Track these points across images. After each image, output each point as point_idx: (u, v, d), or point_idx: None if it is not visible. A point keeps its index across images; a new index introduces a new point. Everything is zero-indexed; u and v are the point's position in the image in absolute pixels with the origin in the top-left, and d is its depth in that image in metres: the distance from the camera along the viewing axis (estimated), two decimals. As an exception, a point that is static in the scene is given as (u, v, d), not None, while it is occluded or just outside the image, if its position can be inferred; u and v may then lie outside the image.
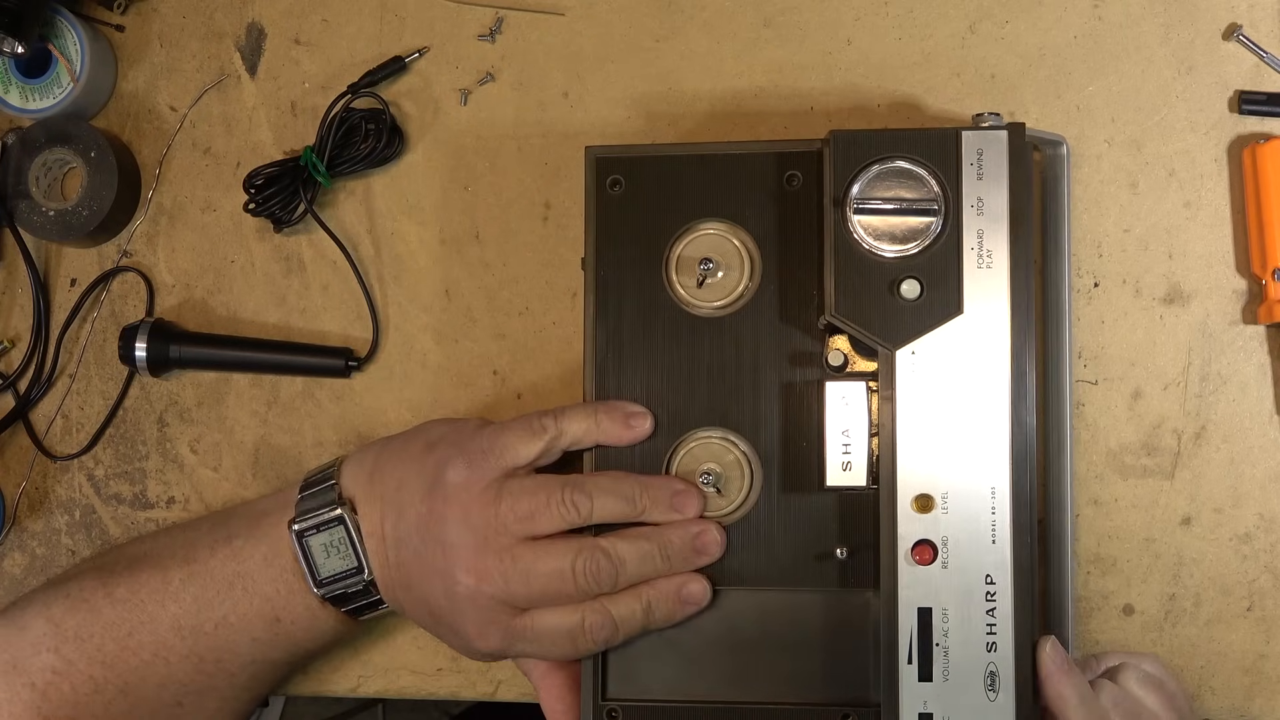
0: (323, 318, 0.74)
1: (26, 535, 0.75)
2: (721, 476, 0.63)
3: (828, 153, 0.61)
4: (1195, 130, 0.68)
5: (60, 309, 0.76)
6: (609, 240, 0.65)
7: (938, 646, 0.59)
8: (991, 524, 0.59)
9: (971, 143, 0.60)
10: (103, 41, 0.75)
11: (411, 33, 0.74)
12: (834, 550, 0.62)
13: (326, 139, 0.71)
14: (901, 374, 0.59)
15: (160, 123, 0.76)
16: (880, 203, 0.60)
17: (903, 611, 0.59)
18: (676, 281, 0.64)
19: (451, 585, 0.60)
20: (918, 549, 0.59)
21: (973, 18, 0.70)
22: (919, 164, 0.60)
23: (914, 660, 0.58)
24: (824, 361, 0.63)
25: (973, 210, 0.60)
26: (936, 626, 0.59)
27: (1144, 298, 0.67)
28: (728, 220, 0.64)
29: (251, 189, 0.72)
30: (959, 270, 0.59)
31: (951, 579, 0.59)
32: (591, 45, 0.72)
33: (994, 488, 0.59)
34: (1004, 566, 0.59)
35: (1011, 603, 0.58)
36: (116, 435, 0.75)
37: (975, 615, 0.59)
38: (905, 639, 0.59)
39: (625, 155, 0.65)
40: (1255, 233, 0.66)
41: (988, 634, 0.58)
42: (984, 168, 0.60)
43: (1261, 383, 0.67)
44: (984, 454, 0.59)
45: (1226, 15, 0.68)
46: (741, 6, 0.71)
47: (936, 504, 0.59)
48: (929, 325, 0.59)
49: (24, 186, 0.74)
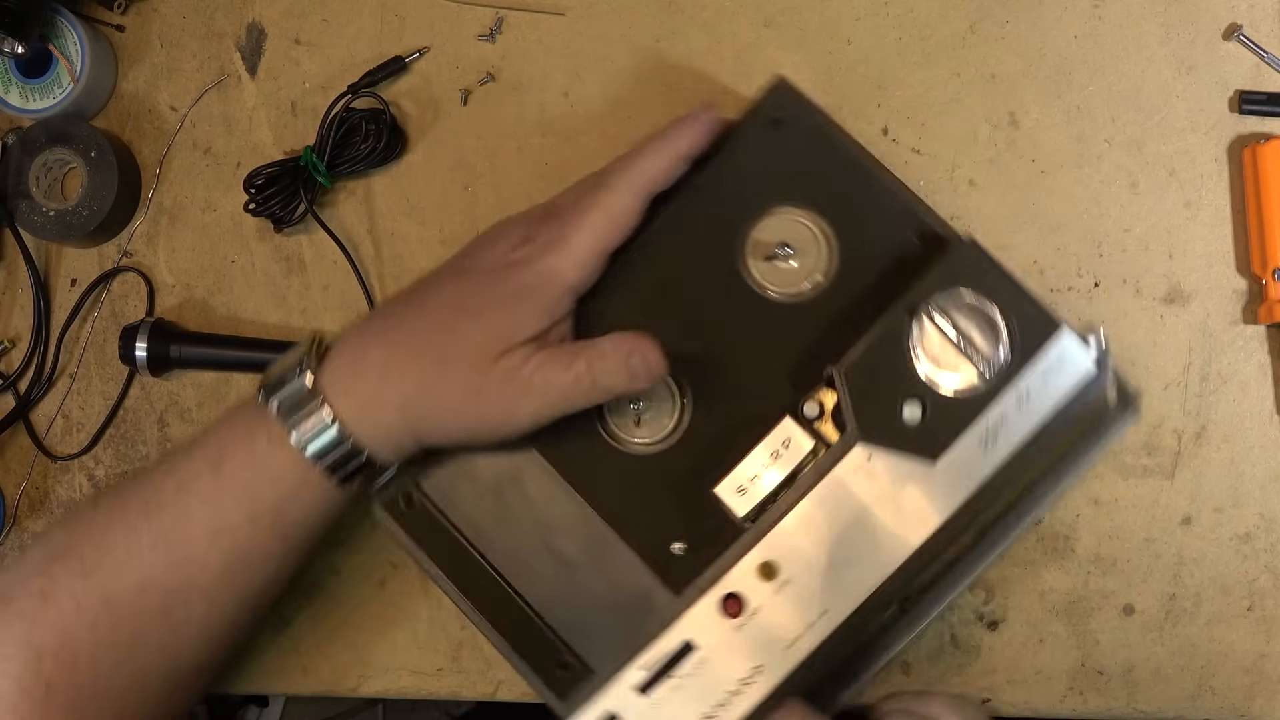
0: (323, 318, 0.74)
1: (27, 535, 0.75)
2: (649, 405, 0.62)
3: (950, 253, 0.59)
4: (1195, 130, 0.68)
5: (60, 309, 0.76)
6: (733, 174, 0.63)
7: (671, 677, 0.59)
8: (798, 635, 0.58)
9: (1062, 344, 0.58)
10: (103, 41, 0.75)
11: (411, 33, 0.74)
12: (676, 541, 0.61)
13: (327, 139, 0.71)
14: (846, 465, 0.59)
15: (160, 123, 0.76)
16: (948, 325, 0.59)
17: (674, 630, 0.59)
18: (767, 284, 0.63)
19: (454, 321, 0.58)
20: (731, 600, 0.59)
21: (973, 18, 0.70)
22: (1006, 326, 0.58)
23: (646, 672, 0.58)
24: (799, 402, 0.61)
25: (1013, 396, 0.58)
26: (688, 662, 0.59)
27: (1144, 298, 0.67)
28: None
29: (252, 189, 0.72)
30: (958, 431, 0.58)
31: (733, 641, 0.58)
32: (591, 45, 0.72)
33: (827, 611, 0.58)
34: (777, 671, 0.58)
35: (758, 698, 0.58)
36: (117, 435, 0.75)
37: (724, 681, 0.58)
38: (657, 652, 0.59)
39: (800, 109, 0.63)
40: (1255, 233, 0.66)
41: (719, 703, 0.58)
42: (1054, 374, 0.58)
43: (1261, 383, 0.67)
44: (841, 583, 0.59)
45: (1226, 15, 0.68)
46: (741, 6, 0.71)
47: (776, 579, 0.59)
48: (899, 448, 0.59)
49: (24, 186, 0.74)
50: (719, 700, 0.59)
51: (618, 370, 0.58)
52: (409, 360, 0.58)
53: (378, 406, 0.58)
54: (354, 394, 0.58)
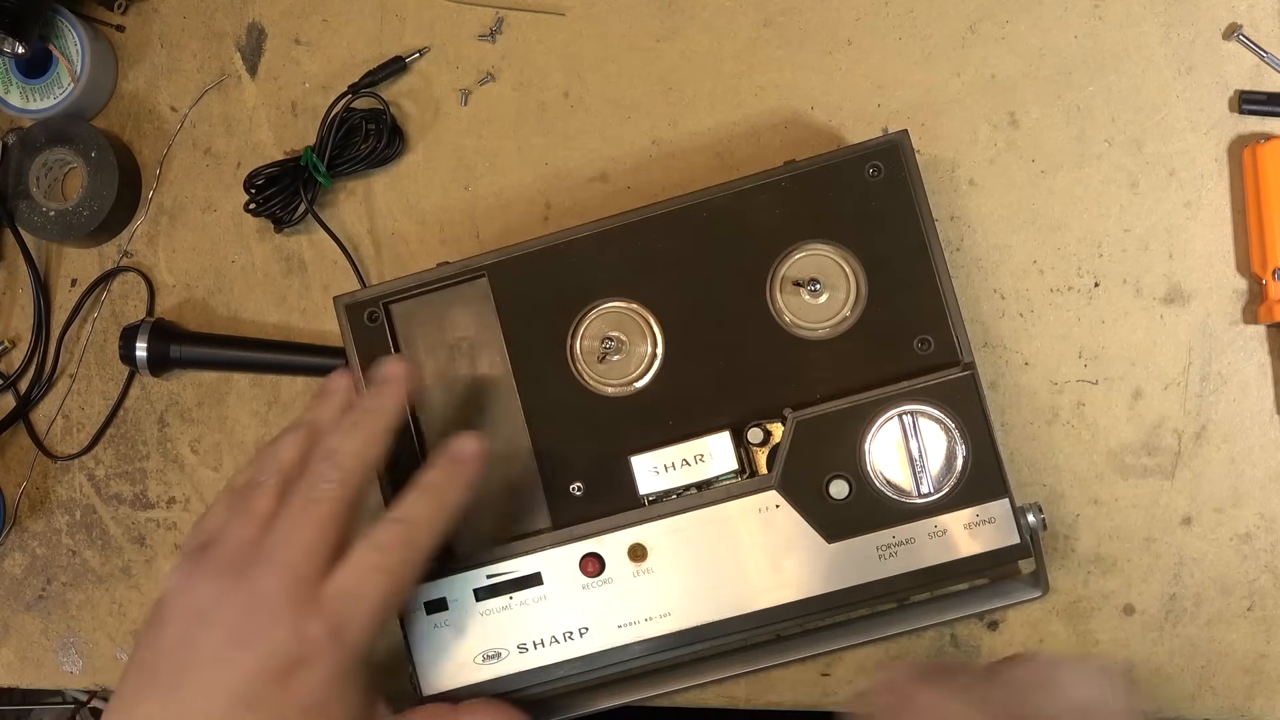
0: (323, 318, 0.74)
1: (27, 535, 0.75)
2: (623, 348, 0.63)
3: (952, 374, 0.60)
4: (1195, 130, 0.68)
5: (61, 309, 0.76)
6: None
7: (508, 597, 0.62)
8: (632, 621, 0.61)
9: (999, 510, 0.60)
10: (103, 41, 0.75)
11: (411, 33, 0.74)
12: (578, 482, 0.63)
13: (327, 139, 0.71)
14: (753, 500, 0.61)
15: (160, 123, 0.76)
16: (913, 435, 0.60)
17: (533, 558, 0.62)
18: (784, 308, 0.63)
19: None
20: (593, 560, 0.61)
21: (973, 18, 0.70)
22: (962, 466, 0.60)
23: (490, 580, 0.62)
24: (745, 427, 0.62)
25: (930, 527, 0.60)
26: (530, 593, 0.62)
27: (1144, 298, 0.67)
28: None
29: (252, 189, 0.72)
30: (865, 529, 0.60)
31: (577, 595, 0.61)
32: (591, 45, 0.72)
33: (669, 615, 0.61)
34: (599, 641, 0.61)
35: (570, 656, 0.61)
36: (117, 435, 0.75)
37: (550, 625, 0.61)
38: (509, 568, 0.62)
39: (902, 170, 0.63)
40: (1255, 233, 0.66)
41: (535, 641, 0.62)
42: (979, 529, 0.60)
43: (1261, 383, 0.67)
44: (692, 598, 0.61)
45: (1226, 15, 0.68)
46: (741, 6, 0.71)
47: (641, 564, 0.61)
48: (807, 514, 0.60)
49: (24, 186, 0.74)
50: (536, 639, 0.62)
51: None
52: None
53: None
54: None
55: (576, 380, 0.64)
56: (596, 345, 0.63)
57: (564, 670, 0.62)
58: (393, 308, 0.65)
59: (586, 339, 0.64)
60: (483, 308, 0.65)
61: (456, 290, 0.65)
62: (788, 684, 0.68)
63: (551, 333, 0.64)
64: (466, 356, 0.65)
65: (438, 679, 0.62)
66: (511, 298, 0.64)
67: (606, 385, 0.64)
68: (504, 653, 0.62)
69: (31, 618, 0.75)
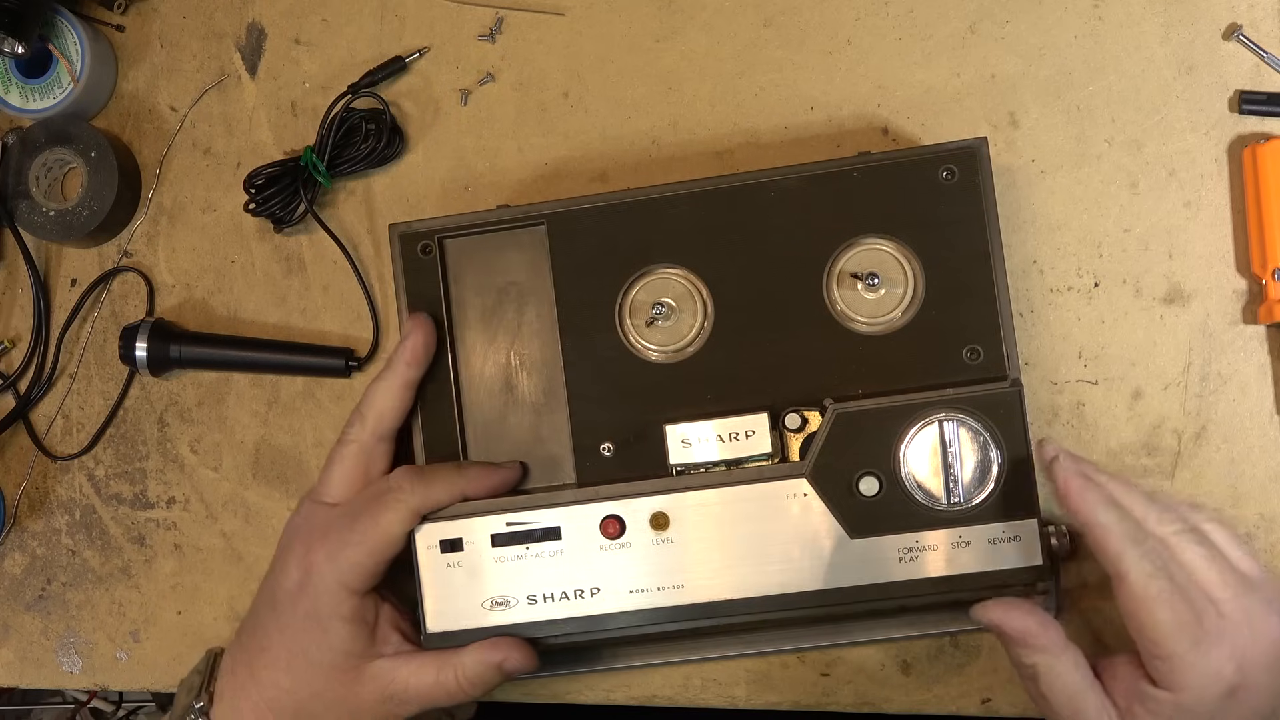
0: (323, 318, 0.74)
1: (27, 535, 0.75)
2: (673, 315, 0.63)
3: (999, 388, 0.60)
4: (1195, 130, 0.68)
5: (60, 309, 0.76)
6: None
7: (524, 547, 0.62)
8: (645, 589, 0.61)
9: (1028, 529, 0.59)
10: (103, 41, 0.75)
11: (411, 33, 0.74)
12: (609, 442, 0.63)
13: (327, 139, 0.71)
14: (784, 486, 0.60)
15: (160, 123, 0.76)
16: (953, 443, 0.59)
17: (555, 511, 0.62)
18: (839, 297, 0.63)
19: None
20: (614, 522, 0.61)
21: (973, 18, 0.70)
22: (996, 481, 0.59)
23: (508, 527, 0.62)
24: (783, 412, 0.62)
25: (955, 536, 0.60)
26: (546, 546, 0.62)
27: (1144, 298, 0.67)
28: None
29: (252, 189, 0.72)
30: (889, 529, 0.60)
31: (593, 555, 0.61)
32: (591, 45, 0.72)
33: (682, 587, 0.61)
34: (609, 604, 0.61)
35: (580, 613, 0.61)
36: (117, 435, 0.75)
37: (562, 580, 0.61)
38: (528, 518, 0.62)
39: (976, 177, 0.63)
40: (1255, 233, 0.66)
41: (546, 595, 0.62)
42: (1002, 545, 0.59)
43: (1261, 383, 0.67)
44: (709, 573, 0.61)
45: (1226, 15, 0.68)
46: (741, 6, 0.71)
47: (662, 533, 0.61)
48: (834, 506, 0.60)
49: (24, 186, 0.74)
50: (547, 592, 0.62)
51: (489, 676, 0.62)
52: (281, 702, 0.62)
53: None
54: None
55: (621, 341, 0.64)
56: (646, 309, 0.63)
57: (569, 627, 0.62)
58: (447, 243, 0.66)
59: (637, 301, 0.64)
60: (537, 256, 0.65)
61: (513, 235, 0.65)
62: (788, 684, 0.68)
63: (603, 290, 0.64)
64: (514, 302, 0.65)
65: (443, 618, 0.62)
66: (568, 249, 0.64)
67: (651, 350, 0.64)
68: (513, 601, 0.62)
69: (31, 618, 0.75)
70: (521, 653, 0.62)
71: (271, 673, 0.62)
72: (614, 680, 0.69)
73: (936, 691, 0.67)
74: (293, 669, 0.62)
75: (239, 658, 0.64)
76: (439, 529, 0.62)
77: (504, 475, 0.64)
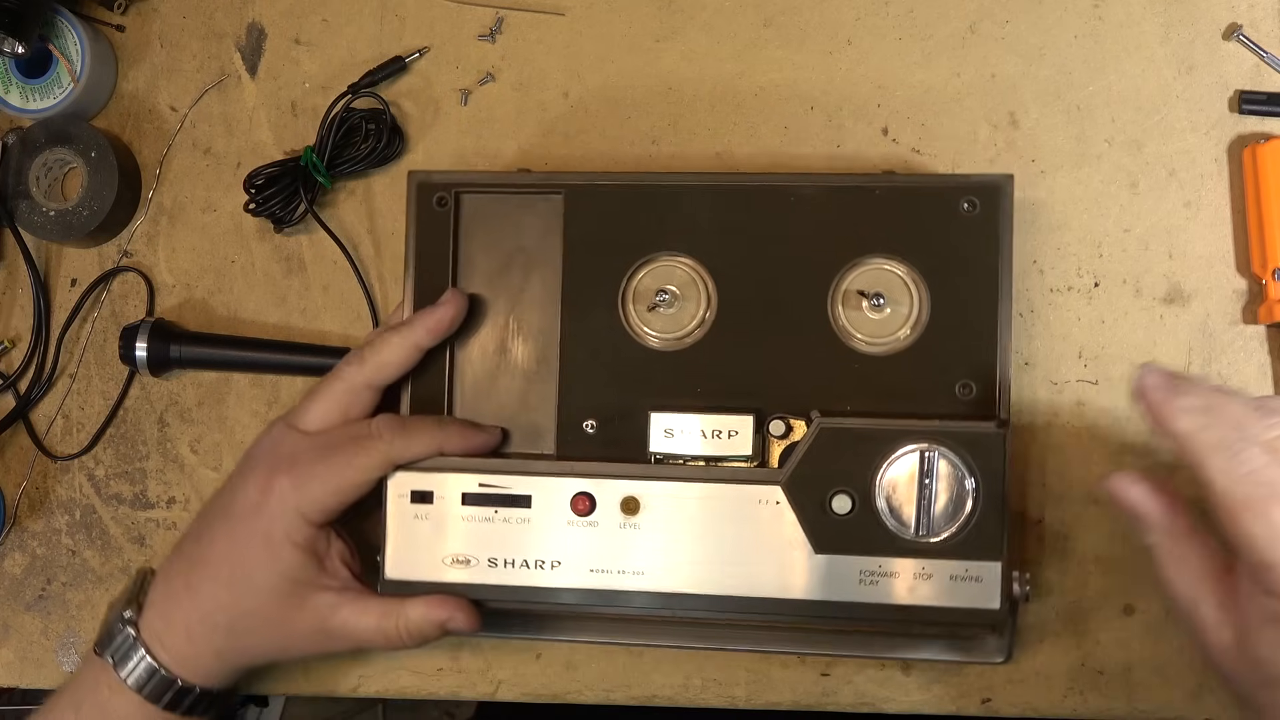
0: (323, 318, 0.74)
1: (27, 535, 0.75)
2: (676, 303, 0.63)
3: (983, 429, 0.60)
4: (1195, 130, 0.68)
5: (61, 309, 0.76)
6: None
7: (493, 509, 0.62)
8: (605, 570, 0.61)
9: (989, 570, 0.59)
10: (103, 41, 0.75)
11: (411, 33, 0.74)
12: (592, 420, 0.63)
13: (327, 139, 0.71)
14: (758, 490, 0.60)
15: (160, 123, 0.76)
16: (930, 474, 0.59)
17: (528, 480, 0.62)
18: (841, 313, 0.63)
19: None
20: (585, 500, 0.61)
21: (973, 18, 0.70)
22: (966, 520, 0.59)
23: (480, 488, 0.62)
24: (769, 417, 0.62)
25: (917, 568, 0.59)
26: (515, 512, 0.62)
27: (1144, 298, 0.67)
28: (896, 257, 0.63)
29: (252, 189, 0.72)
30: (853, 549, 0.60)
31: (559, 529, 0.62)
32: (591, 45, 0.72)
33: (643, 574, 0.61)
34: (568, 579, 0.62)
35: (538, 584, 0.62)
36: (117, 435, 0.75)
37: (524, 548, 0.62)
38: (502, 481, 0.62)
39: (997, 212, 0.62)
40: (1255, 233, 0.66)
41: (506, 561, 0.62)
42: (962, 583, 0.59)
43: (1261, 383, 0.67)
44: (672, 564, 0.61)
45: (1226, 15, 0.68)
46: (741, 6, 0.71)
47: (632, 518, 0.61)
48: (804, 518, 0.60)
49: (24, 186, 0.74)
50: (509, 558, 0.62)
51: (430, 631, 0.62)
52: (215, 616, 0.63)
53: (194, 655, 0.64)
54: (171, 643, 0.64)
55: (621, 322, 0.64)
56: (650, 293, 0.63)
57: (524, 596, 0.62)
58: (463, 198, 0.66)
59: (642, 285, 0.64)
60: (550, 224, 0.65)
61: (529, 200, 0.65)
62: (788, 684, 0.68)
63: (610, 268, 0.64)
64: (520, 267, 0.66)
65: (402, 566, 0.63)
66: (581, 222, 0.64)
67: (649, 335, 0.64)
68: (474, 561, 0.62)
69: (31, 618, 0.75)
70: (467, 615, 0.62)
71: (211, 586, 0.63)
72: (614, 680, 0.69)
73: (936, 691, 0.67)
74: (233, 584, 0.62)
75: (176, 568, 0.64)
76: (412, 479, 0.63)
77: (484, 438, 0.64)
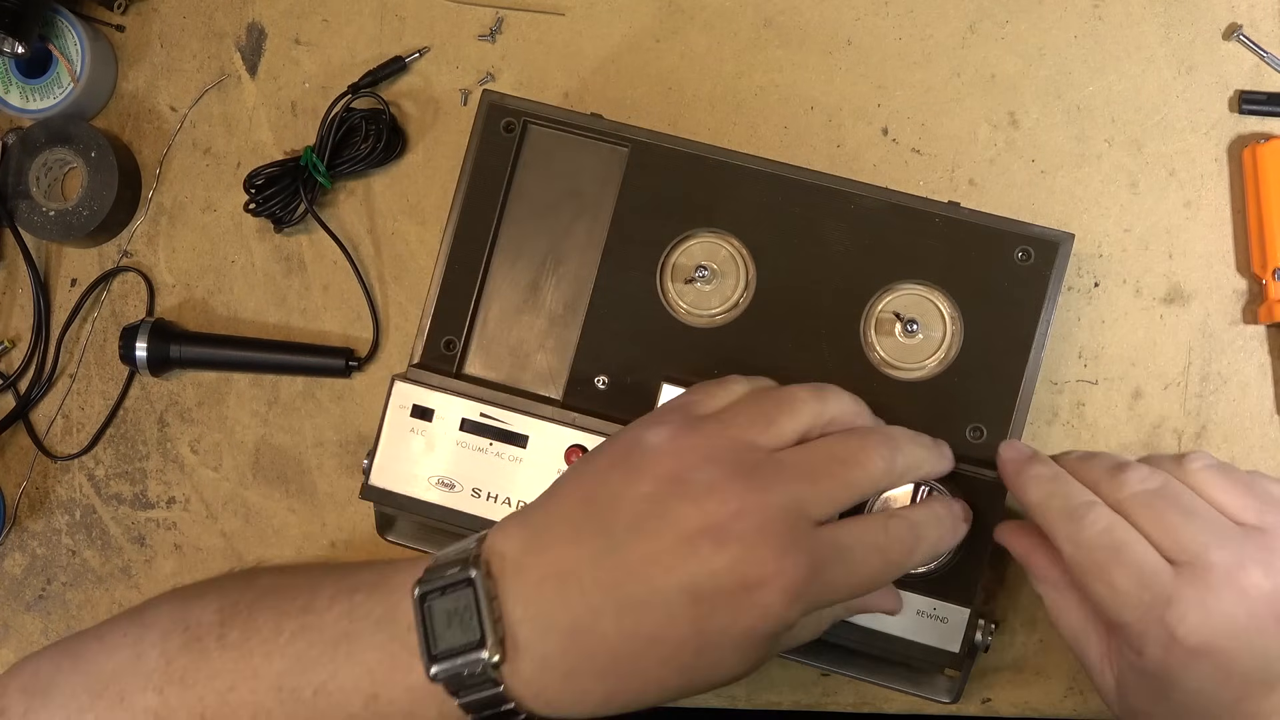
0: (323, 318, 0.74)
1: (27, 535, 0.75)
2: (717, 273, 0.63)
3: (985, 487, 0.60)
4: (1195, 130, 0.68)
5: (60, 309, 0.76)
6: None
7: (489, 442, 0.63)
8: None
9: (955, 614, 0.60)
10: (103, 41, 0.75)
11: (411, 33, 0.74)
12: (604, 375, 0.64)
13: (327, 139, 0.71)
14: None
15: (160, 123, 0.76)
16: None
17: (530, 420, 0.63)
18: (873, 329, 0.63)
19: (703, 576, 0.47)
20: (577, 450, 0.62)
21: (973, 18, 0.70)
22: (945, 557, 0.59)
23: (482, 419, 0.63)
24: None
25: (887, 596, 0.58)
26: (511, 449, 0.63)
27: (1144, 298, 0.67)
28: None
29: (252, 189, 0.72)
30: None
31: (548, 472, 0.62)
32: (591, 45, 0.72)
33: None
34: None
35: None
36: (117, 435, 0.75)
37: (513, 485, 0.63)
38: (504, 416, 0.63)
39: (1048, 264, 0.62)
40: (1255, 233, 0.66)
41: (490, 494, 0.63)
42: (927, 621, 0.60)
43: (1261, 383, 0.67)
44: None
45: (1226, 15, 0.68)
46: (741, 6, 0.71)
47: None
48: None
49: (24, 186, 0.74)
50: (493, 492, 0.63)
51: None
52: (637, 687, 0.50)
53: (570, 704, 0.50)
54: (543, 690, 0.49)
55: (655, 286, 0.64)
56: (690, 266, 0.64)
57: None
58: (531, 128, 0.66)
59: (685, 255, 0.64)
60: (610, 175, 0.65)
61: (595, 146, 0.65)
62: (788, 684, 0.68)
63: (658, 231, 0.64)
64: (570, 210, 0.66)
65: (387, 475, 0.64)
66: (641, 180, 0.64)
67: (679, 306, 0.64)
68: (457, 486, 0.63)
69: (31, 618, 0.75)
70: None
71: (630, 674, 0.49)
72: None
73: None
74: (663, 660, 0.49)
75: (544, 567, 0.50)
76: (418, 393, 0.63)
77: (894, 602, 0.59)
